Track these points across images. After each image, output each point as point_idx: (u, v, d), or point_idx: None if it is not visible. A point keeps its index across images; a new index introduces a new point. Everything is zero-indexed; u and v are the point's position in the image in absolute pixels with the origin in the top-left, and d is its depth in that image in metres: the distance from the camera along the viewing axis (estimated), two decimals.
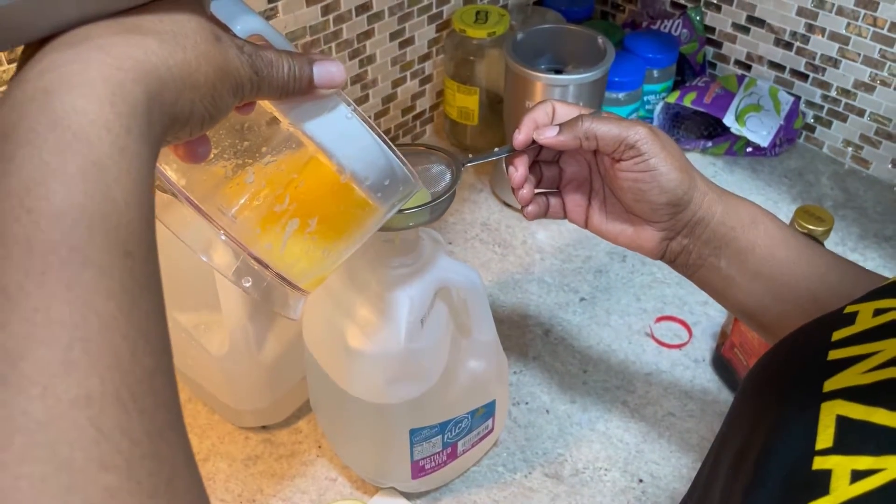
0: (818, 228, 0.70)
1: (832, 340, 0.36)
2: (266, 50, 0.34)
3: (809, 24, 0.99)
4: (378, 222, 0.44)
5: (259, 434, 0.72)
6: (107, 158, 0.26)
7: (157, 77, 0.28)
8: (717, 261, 0.52)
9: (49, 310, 0.23)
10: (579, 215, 0.57)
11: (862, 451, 0.30)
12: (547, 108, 0.53)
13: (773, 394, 0.37)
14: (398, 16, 0.93)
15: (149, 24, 0.29)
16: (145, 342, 0.25)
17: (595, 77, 0.85)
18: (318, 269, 0.43)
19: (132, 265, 0.25)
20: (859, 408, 0.32)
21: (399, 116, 1.02)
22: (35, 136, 0.25)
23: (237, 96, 0.33)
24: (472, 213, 0.97)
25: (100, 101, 0.26)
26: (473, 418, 0.65)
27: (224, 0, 0.35)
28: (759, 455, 0.34)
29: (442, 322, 0.60)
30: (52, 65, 0.27)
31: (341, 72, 0.36)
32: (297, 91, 0.35)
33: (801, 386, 0.36)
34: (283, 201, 0.40)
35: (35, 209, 0.24)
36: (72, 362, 0.23)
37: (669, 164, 0.50)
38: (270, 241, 0.41)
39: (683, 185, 0.50)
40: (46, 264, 0.23)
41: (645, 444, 0.72)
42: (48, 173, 0.24)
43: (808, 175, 1.02)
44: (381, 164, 0.40)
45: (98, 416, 0.22)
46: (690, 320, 0.83)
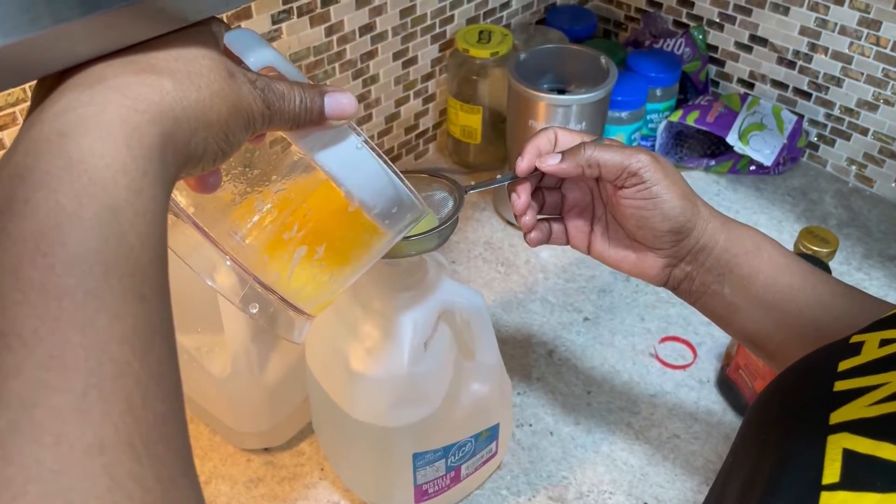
0: (823, 249, 0.70)
1: (838, 371, 0.36)
2: (278, 82, 0.34)
3: (812, 43, 0.99)
4: (385, 248, 0.44)
5: (261, 456, 0.72)
6: (123, 202, 0.25)
7: (173, 117, 0.28)
8: (721, 288, 0.52)
9: (63, 356, 0.23)
10: (582, 241, 0.56)
11: (869, 487, 0.30)
12: (549, 135, 0.53)
13: (779, 424, 0.37)
14: (401, 36, 0.93)
15: (163, 64, 0.29)
16: (157, 387, 0.25)
17: (598, 97, 0.85)
18: (324, 294, 0.43)
19: (146, 309, 0.25)
20: (866, 441, 0.32)
21: (402, 135, 1.02)
22: (51, 179, 0.25)
23: (249, 130, 0.33)
24: (476, 231, 0.97)
25: (116, 143, 0.26)
26: (477, 442, 0.64)
27: (238, 32, 0.36)
28: (766, 488, 0.34)
29: (445, 345, 0.59)
30: (68, 106, 0.27)
31: (352, 103, 0.36)
32: (309, 122, 0.35)
33: (807, 417, 0.35)
34: (292, 229, 0.40)
35: (50, 253, 0.24)
36: (85, 409, 0.22)
37: (672, 191, 0.50)
38: (278, 267, 0.41)
39: (686, 212, 0.50)
40: (61, 309, 0.23)
41: (650, 467, 0.71)
42: (64, 217, 0.24)
43: (812, 194, 1.02)
44: (390, 193, 0.40)
45: (111, 464, 0.22)
46: (695, 341, 0.83)
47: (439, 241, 0.53)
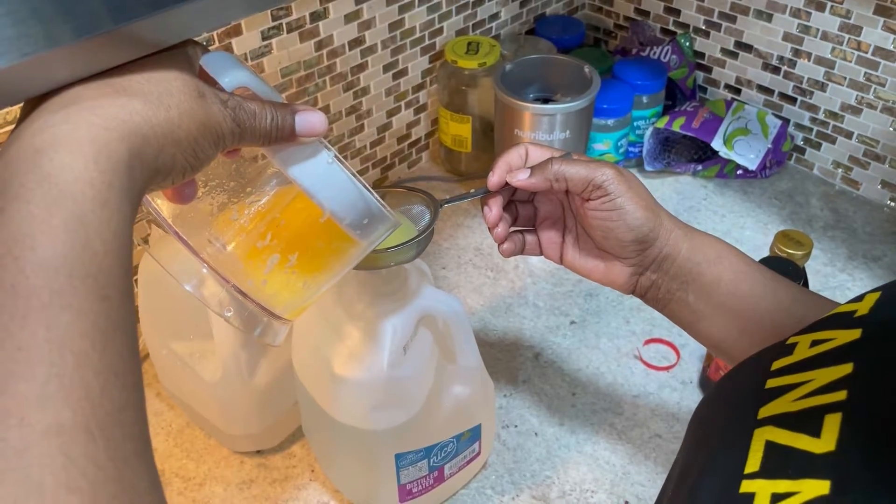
0: (797, 252, 0.72)
1: (771, 370, 0.38)
2: (250, 101, 0.36)
3: (795, 48, 1.00)
4: (358, 257, 0.47)
5: (254, 458, 0.74)
6: (89, 212, 0.28)
7: (141, 135, 0.31)
8: (685, 295, 0.54)
9: (30, 349, 0.25)
10: (554, 252, 0.59)
11: (783, 475, 0.32)
12: (520, 150, 0.55)
13: (716, 419, 0.39)
14: (391, 48, 0.96)
15: (136, 86, 0.32)
16: (115, 378, 0.27)
17: (581, 106, 0.87)
18: (298, 300, 0.46)
19: (108, 308, 0.28)
20: (786, 433, 0.33)
21: (395, 145, 1.05)
22: (25, 191, 0.27)
23: (219, 146, 0.35)
24: (466, 238, 0.99)
25: (85, 159, 0.29)
26: (459, 442, 0.66)
27: (214, 55, 0.38)
28: (695, 478, 0.36)
29: (426, 349, 0.62)
30: (44, 125, 0.29)
31: (322, 121, 0.39)
32: (280, 139, 0.38)
33: (739, 412, 0.37)
34: (265, 238, 0.43)
35: (21, 257, 0.26)
36: (47, 396, 0.25)
37: (635, 203, 0.52)
38: (253, 274, 0.43)
39: (649, 222, 0.52)
40: (29, 307, 0.26)
41: (631, 466, 0.73)
42: (35, 225, 0.27)
43: (798, 196, 1.03)
44: (360, 206, 0.42)
45: (67, 444, 0.25)
46: (678, 342, 0.84)
47: (416, 253, 0.55)
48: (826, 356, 0.37)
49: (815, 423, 0.33)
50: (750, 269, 0.54)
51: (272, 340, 0.45)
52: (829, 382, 0.35)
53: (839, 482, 0.31)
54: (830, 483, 0.31)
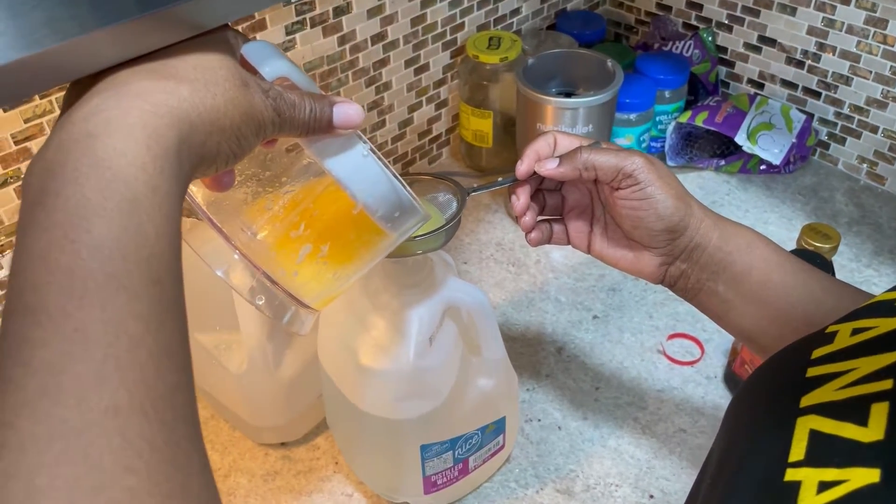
0: (825, 245, 0.71)
1: (811, 358, 0.38)
2: (290, 92, 0.37)
3: (820, 42, 1.00)
4: (387, 249, 0.47)
5: (278, 450, 0.74)
6: (142, 196, 0.28)
7: (189, 122, 0.31)
8: (715, 285, 0.54)
9: (86, 330, 0.26)
10: (582, 241, 0.58)
11: (829, 463, 0.31)
12: (549, 139, 0.55)
13: (755, 409, 0.39)
14: (413, 43, 0.96)
15: (183, 72, 0.32)
16: (169, 360, 0.28)
17: (604, 100, 0.87)
18: (327, 290, 0.46)
19: (160, 291, 0.28)
20: (831, 422, 0.33)
21: (416, 140, 1.05)
22: (79, 175, 0.28)
23: (260, 136, 0.36)
24: (487, 233, 0.99)
25: (137, 144, 0.29)
26: (484, 434, 0.66)
27: (255, 44, 0.38)
28: (736, 467, 0.35)
29: (450, 341, 0.62)
30: (96, 109, 0.30)
31: (359, 113, 0.39)
32: (318, 130, 0.38)
33: (780, 401, 0.37)
34: (299, 228, 0.43)
35: (77, 240, 0.27)
36: (104, 377, 0.25)
37: (665, 191, 0.52)
38: (284, 263, 0.43)
39: (679, 211, 0.52)
40: (85, 289, 0.26)
41: (656, 460, 0.73)
42: (90, 209, 0.27)
43: (823, 192, 1.03)
44: (392, 198, 0.43)
45: (124, 426, 0.25)
46: (703, 337, 0.84)
47: (443, 241, 0.55)
48: (869, 344, 0.36)
49: (862, 411, 0.32)
50: (781, 259, 0.53)
51: (299, 329, 0.45)
52: (875, 371, 0.35)
53: (889, 471, 0.30)
54: (881, 471, 0.30)
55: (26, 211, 0.28)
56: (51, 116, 0.68)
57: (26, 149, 0.68)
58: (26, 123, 0.67)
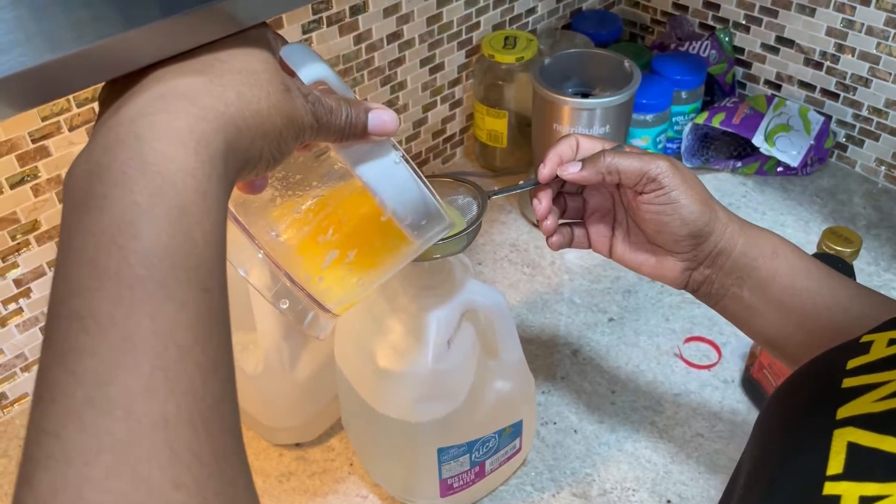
0: (846, 249, 0.70)
1: (847, 368, 0.37)
2: (328, 97, 0.36)
3: (839, 43, 0.99)
4: (411, 256, 0.46)
5: (293, 451, 0.74)
6: (191, 203, 0.28)
7: (235, 127, 0.31)
8: (740, 291, 0.53)
9: (134, 339, 0.25)
10: (603, 245, 0.58)
11: (870, 477, 0.31)
12: (571, 142, 0.54)
13: (788, 419, 0.38)
14: (428, 43, 0.95)
15: (229, 76, 0.31)
16: (215, 371, 0.27)
17: (621, 100, 0.86)
18: (350, 295, 0.45)
19: (209, 300, 0.28)
20: (870, 435, 0.32)
21: (429, 140, 1.05)
22: (126, 179, 0.27)
23: (299, 140, 0.35)
24: (502, 234, 0.98)
25: (185, 149, 0.28)
26: (501, 438, 0.66)
27: (293, 46, 0.38)
28: (770, 479, 0.35)
29: (468, 343, 0.61)
30: (143, 111, 0.29)
31: (394, 120, 0.38)
32: (353, 136, 0.38)
33: (815, 412, 0.36)
34: (327, 233, 0.43)
35: (126, 246, 0.26)
36: (153, 388, 0.25)
37: (690, 196, 0.51)
38: (309, 267, 0.43)
39: (704, 216, 0.51)
40: (134, 297, 0.26)
41: (673, 465, 0.72)
42: (138, 214, 0.27)
43: (841, 194, 1.02)
44: (421, 206, 0.42)
45: (173, 439, 0.25)
46: (720, 341, 0.83)
47: (464, 245, 0.55)
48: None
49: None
50: (807, 265, 0.52)
51: (318, 333, 0.45)
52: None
53: None
54: None
55: (71, 213, 0.27)
56: (68, 115, 0.68)
57: (43, 147, 0.68)
58: (43, 122, 0.67)
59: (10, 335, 0.74)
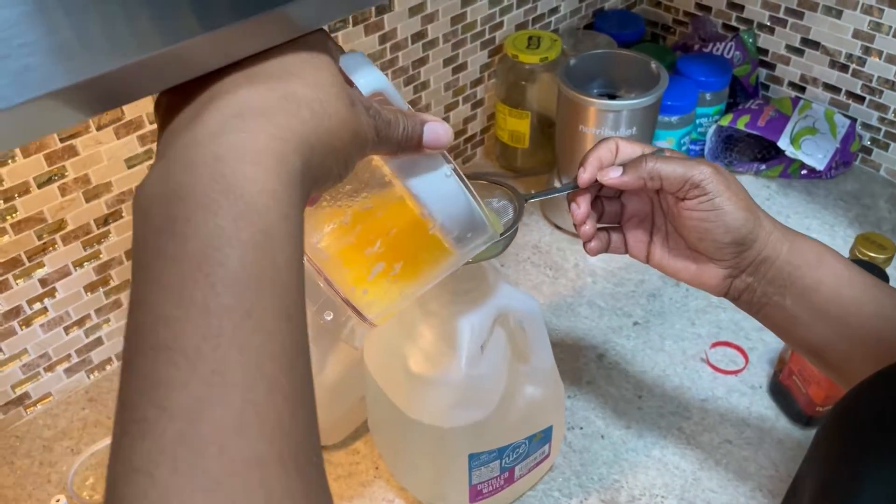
0: (880, 256, 0.69)
1: None
2: (386, 110, 0.35)
3: (866, 46, 0.98)
4: (453, 267, 0.46)
5: None
6: (273, 227, 0.27)
7: (310, 146, 0.30)
8: (783, 299, 0.52)
9: (224, 372, 0.24)
10: (641, 251, 0.57)
11: None
12: (611, 145, 0.53)
13: (856, 438, 0.37)
14: (452, 42, 0.95)
15: (301, 92, 0.30)
16: (301, 402, 0.26)
17: (648, 102, 0.85)
18: (391, 307, 0.45)
19: (292, 328, 0.27)
20: None
21: (451, 140, 1.04)
22: (210, 202, 0.26)
23: (362, 155, 0.34)
24: (524, 236, 0.97)
25: (266, 171, 0.27)
26: (531, 444, 0.65)
27: (353, 56, 0.37)
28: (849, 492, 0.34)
29: (500, 349, 0.61)
30: (222, 130, 0.28)
31: (448, 134, 0.38)
32: (408, 149, 0.37)
33: (887, 433, 0.35)
34: (374, 245, 0.42)
35: (212, 274, 0.25)
36: (245, 424, 0.24)
37: (734, 203, 0.50)
38: (354, 279, 0.42)
39: (749, 224, 0.51)
40: (221, 328, 0.25)
41: (702, 472, 0.72)
42: (224, 240, 0.26)
43: (865, 198, 1.01)
44: (468, 221, 0.42)
45: (267, 478, 0.24)
46: (746, 346, 0.83)
47: (501, 250, 0.54)
48: None
49: None
50: (851, 274, 0.52)
51: (354, 342, 0.44)
52: None
53: None
54: None
55: (150, 236, 0.26)
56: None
57: (71, 146, 0.67)
58: None
59: (35, 335, 0.73)
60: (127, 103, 0.27)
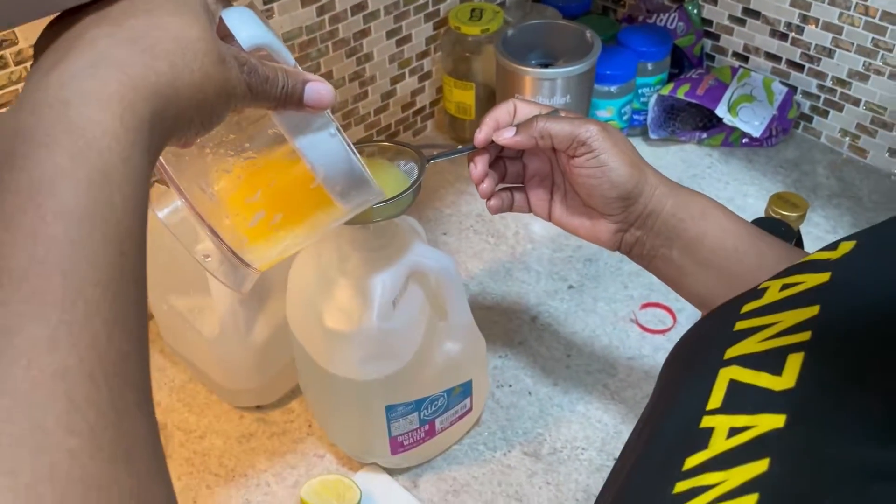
0: (792, 214, 0.72)
1: (741, 312, 0.39)
2: (264, 66, 0.37)
3: (803, 14, 0.99)
4: (339, 221, 0.48)
5: (253, 413, 0.76)
6: (112, 168, 0.29)
7: (164, 97, 0.31)
8: (669, 251, 0.55)
9: (44, 294, 0.26)
10: (543, 209, 0.59)
11: (742, 410, 0.33)
12: (509, 106, 0.56)
13: (685, 361, 0.40)
14: (394, 14, 0.96)
15: (161, 45, 0.32)
16: (122, 329, 0.28)
17: (582, 70, 0.87)
18: (273, 254, 0.47)
19: (124, 262, 0.29)
20: (749, 372, 0.34)
21: (399, 112, 1.06)
22: (51, 140, 0.28)
23: (230, 108, 0.36)
24: (468, 204, 0.99)
25: (112, 115, 0.29)
26: (450, 397, 0.67)
27: (236, 10, 0.38)
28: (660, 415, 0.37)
29: (416, 304, 0.63)
30: (73, 76, 0.30)
31: (330, 93, 0.39)
32: (288, 106, 0.39)
33: (706, 354, 0.38)
34: (255, 194, 0.44)
35: (43, 205, 0.27)
36: (57, 341, 0.26)
37: (619, 159, 0.52)
38: (236, 225, 0.44)
39: (633, 179, 0.53)
40: (48, 254, 0.26)
41: (623, 426, 0.74)
42: (59, 175, 0.27)
43: (805, 165, 1.03)
44: (351, 178, 0.44)
45: (71, 389, 0.25)
46: (676, 307, 0.85)
47: (403, 208, 0.56)
48: (794, 299, 0.37)
49: (778, 362, 0.34)
50: (736, 227, 0.54)
51: (239, 287, 0.46)
52: (795, 324, 0.36)
53: (794, 416, 0.32)
54: (786, 417, 0.32)
55: None
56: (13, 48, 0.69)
57: None
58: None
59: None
60: None
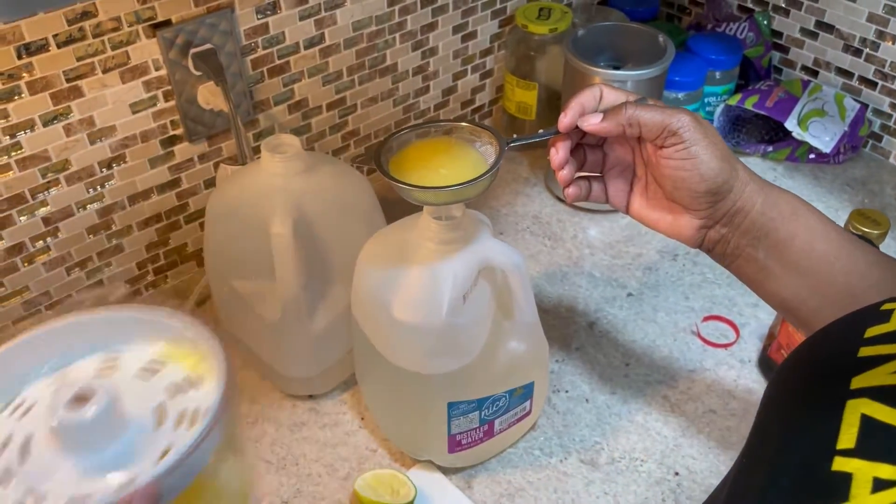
0: (873, 231, 0.69)
1: (865, 337, 0.35)
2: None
3: (880, 30, 0.97)
4: None
5: (306, 402, 0.75)
6: None
7: None
8: (755, 251, 0.52)
9: None
10: (621, 200, 0.57)
11: (886, 458, 0.29)
12: (595, 92, 0.54)
13: (800, 386, 0.36)
14: (462, 10, 0.95)
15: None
16: None
17: (654, 74, 0.85)
18: None
19: None
20: (886, 409, 0.31)
21: (458, 109, 1.04)
22: None
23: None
24: (525, 206, 0.98)
25: None
26: (511, 398, 0.66)
27: None
28: (777, 448, 0.34)
29: (484, 300, 0.61)
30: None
31: None
32: None
33: (828, 380, 0.35)
34: None
35: None
36: None
37: (711, 152, 0.50)
38: None
39: (724, 173, 0.51)
40: None
41: (683, 439, 0.72)
42: None
43: (872, 184, 1.00)
44: None
45: None
46: (739, 321, 0.83)
47: (481, 190, 0.54)
48: None
49: None
50: (826, 229, 0.51)
51: None
52: None
53: None
54: None
55: None
56: (102, 56, 0.69)
57: (77, 87, 0.69)
58: (78, 62, 0.68)
59: (37, 273, 0.75)
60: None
